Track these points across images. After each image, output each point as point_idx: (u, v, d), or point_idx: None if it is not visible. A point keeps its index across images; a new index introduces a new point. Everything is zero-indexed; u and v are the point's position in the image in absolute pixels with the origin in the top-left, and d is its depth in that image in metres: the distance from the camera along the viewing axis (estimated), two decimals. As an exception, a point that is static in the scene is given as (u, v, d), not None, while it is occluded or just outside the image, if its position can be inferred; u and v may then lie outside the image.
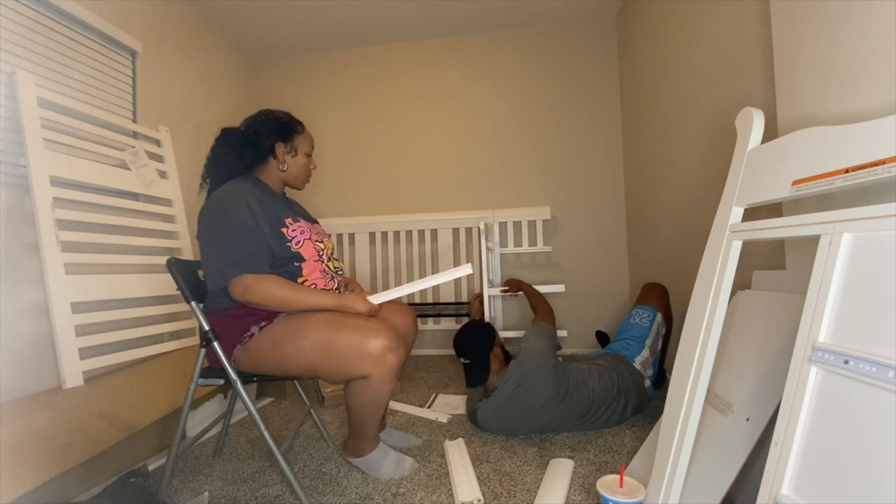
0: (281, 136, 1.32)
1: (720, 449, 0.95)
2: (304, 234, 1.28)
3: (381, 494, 1.23)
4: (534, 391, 1.50)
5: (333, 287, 1.30)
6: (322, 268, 1.28)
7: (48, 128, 1.66)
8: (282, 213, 1.26)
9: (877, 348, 0.61)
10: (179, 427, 1.17)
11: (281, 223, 1.23)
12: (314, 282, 1.26)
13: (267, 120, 1.33)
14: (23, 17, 1.66)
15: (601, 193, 2.97)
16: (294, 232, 1.25)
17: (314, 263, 1.26)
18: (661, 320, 1.75)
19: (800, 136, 0.83)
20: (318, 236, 1.33)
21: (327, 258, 1.33)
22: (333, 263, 1.36)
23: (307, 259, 1.25)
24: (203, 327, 1.16)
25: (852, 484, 0.61)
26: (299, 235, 1.26)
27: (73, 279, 1.61)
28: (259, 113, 1.35)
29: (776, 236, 0.85)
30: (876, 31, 0.85)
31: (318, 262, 1.28)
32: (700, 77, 1.80)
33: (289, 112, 1.39)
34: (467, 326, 1.72)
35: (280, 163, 1.33)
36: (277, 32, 3.00)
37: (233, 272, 1.13)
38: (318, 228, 1.40)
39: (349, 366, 1.10)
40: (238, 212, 1.16)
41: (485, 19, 2.94)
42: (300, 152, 1.36)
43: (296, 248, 1.23)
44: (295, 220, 1.28)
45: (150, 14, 2.29)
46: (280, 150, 1.32)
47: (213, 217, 1.17)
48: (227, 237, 1.15)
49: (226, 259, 1.14)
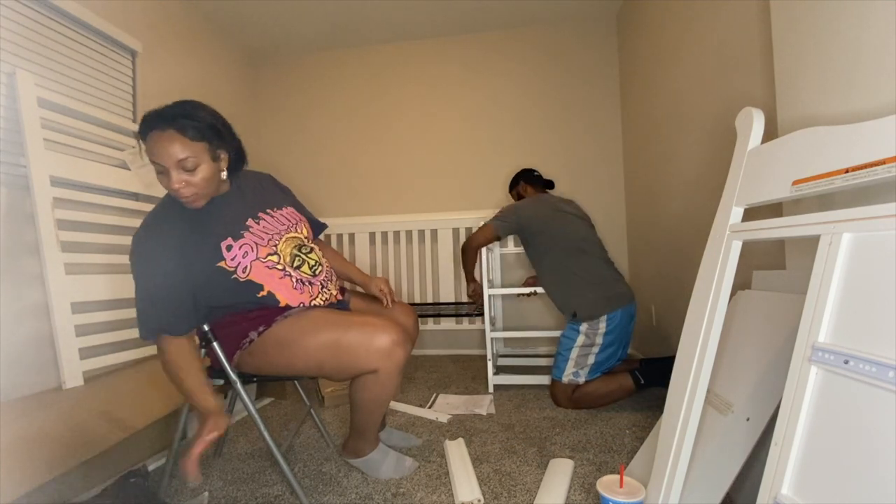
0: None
1: (720, 449, 0.95)
2: (249, 253, 1.10)
3: (381, 494, 1.23)
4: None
5: (317, 293, 1.20)
6: (292, 283, 1.16)
7: (48, 128, 1.66)
8: (217, 236, 1.09)
9: (877, 348, 0.61)
10: (179, 427, 1.18)
11: (216, 255, 1.08)
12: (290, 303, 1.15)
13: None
14: (23, 17, 1.66)
15: (601, 193, 2.97)
16: (234, 260, 1.09)
17: (280, 282, 1.14)
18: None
19: (800, 136, 0.83)
20: (268, 247, 1.14)
21: (291, 265, 1.18)
22: (308, 263, 1.21)
23: (264, 283, 1.12)
24: (202, 328, 1.16)
25: (852, 484, 0.61)
26: (242, 260, 1.09)
27: (73, 279, 1.61)
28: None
29: (776, 236, 0.85)
30: (875, 32, 0.85)
31: (286, 279, 1.15)
32: (700, 77, 1.80)
33: (153, 110, 1.02)
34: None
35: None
36: (277, 32, 3.00)
37: (147, 331, 1.05)
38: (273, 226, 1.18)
39: (358, 362, 1.10)
40: (147, 255, 1.05)
41: (485, 19, 2.94)
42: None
43: (244, 276, 1.10)
44: (237, 236, 1.11)
45: (149, 14, 2.29)
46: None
47: (131, 256, 1.07)
48: (140, 286, 1.05)
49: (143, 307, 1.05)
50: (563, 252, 1.95)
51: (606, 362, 1.84)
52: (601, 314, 1.82)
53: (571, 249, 1.94)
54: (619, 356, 1.88)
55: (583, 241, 1.96)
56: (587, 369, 1.82)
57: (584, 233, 2.00)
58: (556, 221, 1.99)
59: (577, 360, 1.83)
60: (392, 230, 3.05)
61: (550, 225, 1.98)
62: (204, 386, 1.05)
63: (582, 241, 1.96)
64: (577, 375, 1.82)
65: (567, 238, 1.96)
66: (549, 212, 2.02)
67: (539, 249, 2.02)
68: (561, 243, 1.95)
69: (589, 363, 1.82)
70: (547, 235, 1.98)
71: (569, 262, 1.93)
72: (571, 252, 1.93)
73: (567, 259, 1.93)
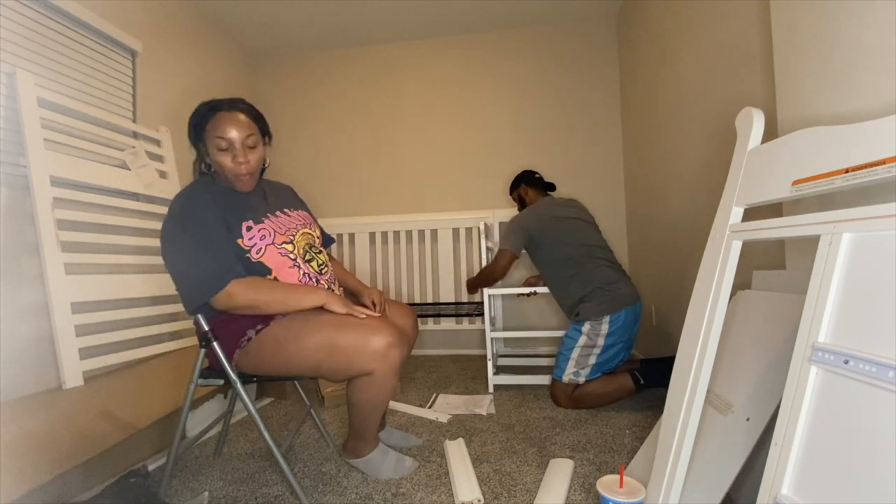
0: (197, 134, 1.16)
1: (720, 449, 0.95)
2: (266, 237, 1.16)
3: (381, 494, 1.23)
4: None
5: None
6: (300, 275, 1.20)
7: (48, 128, 1.66)
8: (239, 216, 1.16)
9: (877, 348, 0.61)
10: (179, 427, 1.17)
11: (237, 233, 1.14)
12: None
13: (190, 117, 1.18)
14: (23, 17, 1.66)
15: (601, 193, 2.97)
16: (252, 240, 1.14)
17: (289, 271, 1.18)
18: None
19: (800, 136, 0.83)
20: (285, 236, 1.20)
21: (305, 258, 1.23)
22: (317, 261, 1.26)
23: (273, 268, 1.16)
24: (203, 328, 1.16)
25: (852, 484, 0.61)
26: (259, 242, 1.15)
27: (73, 279, 1.61)
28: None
29: (776, 236, 0.85)
30: (875, 32, 0.85)
31: (295, 269, 1.19)
32: (700, 77, 1.80)
33: (213, 99, 1.17)
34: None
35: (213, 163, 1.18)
36: (277, 32, 3.00)
37: (214, 286, 1.07)
38: (290, 222, 1.26)
39: (353, 363, 1.10)
40: (195, 217, 1.09)
41: (485, 19, 2.94)
42: (211, 146, 1.14)
43: (256, 257, 1.15)
44: (258, 220, 1.18)
45: (149, 14, 2.29)
46: (202, 149, 1.18)
47: (171, 230, 1.10)
48: (194, 248, 1.08)
49: (200, 273, 1.07)
50: (565, 258, 1.95)
51: (608, 363, 1.84)
52: (603, 315, 1.82)
53: (575, 255, 1.94)
54: (621, 357, 1.87)
55: (585, 245, 1.96)
56: (588, 369, 1.82)
57: (586, 236, 2.00)
58: (559, 229, 2.00)
59: (577, 360, 1.83)
60: (392, 230, 3.05)
61: (553, 233, 1.99)
62: (299, 289, 1.14)
63: (585, 245, 1.96)
64: (578, 375, 1.82)
65: (569, 244, 1.96)
66: (550, 219, 2.03)
67: (543, 257, 2.03)
68: (564, 250, 1.96)
69: (590, 363, 1.82)
70: (550, 243, 1.99)
71: (572, 266, 1.93)
72: (574, 257, 1.94)
73: (570, 264, 1.94)
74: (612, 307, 1.83)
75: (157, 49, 2.33)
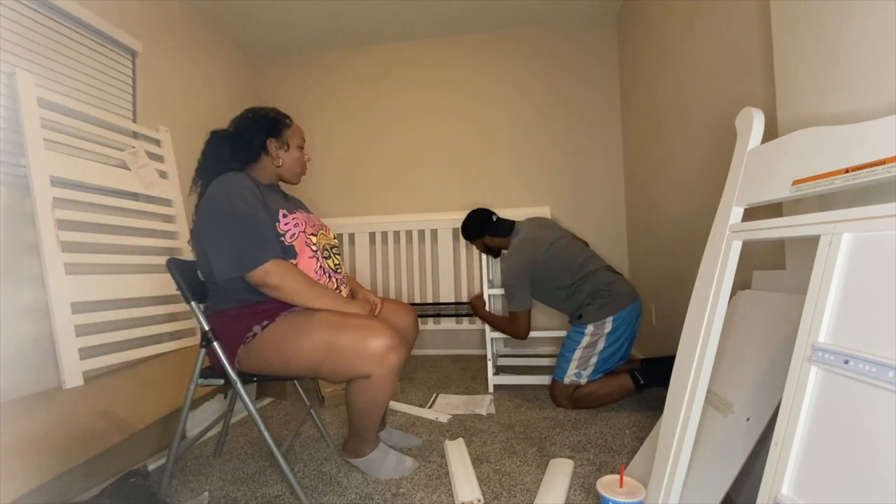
0: (271, 133, 1.33)
1: (720, 449, 0.95)
2: (299, 226, 1.25)
3: (381, 494, 1.23)
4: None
5: (333, 287, 1.28)
6: (317, 267, 1.25)
7: (48, 128, 1.66)
8: (277, 205, 1.25)
9: (877, 348, 0.61)
10: (179, 427, 1.17)
11: (275, 217, 1.22)
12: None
13: (255, 118, 1.33)
14: (23, 17, 1.67)
15: (601, 193, 2.98)
16: (287, 225, 1.23)
17: (308, 261, 1.24)
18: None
19: (800, 136, 0.83)
20: (313, 229, 1.30)
21: (323, 254, 1.30)
22: (333, 260, 1.33)
23: (300, 255, 1.23)
24: (203, 327, 1.16)
25: (852, 484, 0.61)
26: (293, 228, 1.24)
27: (73, 279, 1.61)
28: (246, 112, 1.35)
29: (776, 236, 0.85)
30: (875, 32, 0.85)
31: (313, 260, 1.25)
32: (700, 77, 1.80)
33: (275, 108, 1.39)
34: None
35: (274, 158, 1.33)
36: (277, 32, 3.00)
37: (258, 258, 1.12)
38: (314, 220, 1.36)
39: (351, 365, 1.11)
40: (244, 199, 1.16)
41: (485, 19, 2.94)
42: (292, 146, 1.36)
43: (290, 240, 1.22)
44: (291, 211, 1.27)
45: (149, 14, 2.29)
46: (272, 146, 1.32)
47: (219, 205, 1.16)
48: (241, 224, 1.14)
49: (243, 247, 1.12)
50: (563, 286, 1.94)
51: (609, 360, 1.83)
52: (607, 316, 1.82)
53: (570, 277, 1.93)
54: (622, 355, 1.87)
55: (576, 262, 1.94)
56: (590, 370, 1.82)
57: (574, 254, 1.97)
58: (549, 264, 1.95)
59: (579, 360, 1.83)
60: (392, 230, 3.05)
61: (546, 272, 1.95)
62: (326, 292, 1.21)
63: (575, 263, 1.94)
64: (580, 376, 1.82)
65: (564, 273, 1.94)
66: (541, 263, 1.95)
67: (542, 296, 2.02)
68: (560, 280, 1.94)
69: (591, 363, 1.82)
70: (546, 280, 1.96)
71: (569, 287, 1.93)
72: (570, 279, 1.93)
73: (567, 285, 1.94)
74: (614, 307, 1.83)
75: (158, 49, 2.33)
